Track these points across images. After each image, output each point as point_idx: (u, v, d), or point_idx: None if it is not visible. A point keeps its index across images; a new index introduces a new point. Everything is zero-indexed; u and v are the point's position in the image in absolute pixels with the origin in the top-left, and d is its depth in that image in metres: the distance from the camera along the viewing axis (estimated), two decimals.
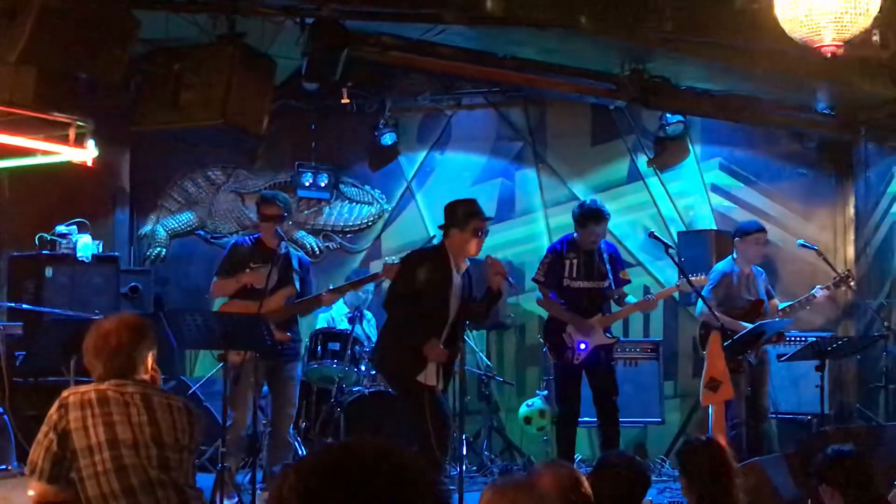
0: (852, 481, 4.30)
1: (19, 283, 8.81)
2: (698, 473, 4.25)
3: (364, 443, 1.55)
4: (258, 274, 7.07)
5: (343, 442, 1.58)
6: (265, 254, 7.26)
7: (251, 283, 7.14)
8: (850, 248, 9.81)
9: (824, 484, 4.38)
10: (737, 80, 8.69)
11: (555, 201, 10.20)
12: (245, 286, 7.22)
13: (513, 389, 9.79)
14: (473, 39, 7.81)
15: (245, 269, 7.26)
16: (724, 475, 4.19)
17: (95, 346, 4.11)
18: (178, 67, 6.69)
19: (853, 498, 4.27)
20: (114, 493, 3.88)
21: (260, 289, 7.04)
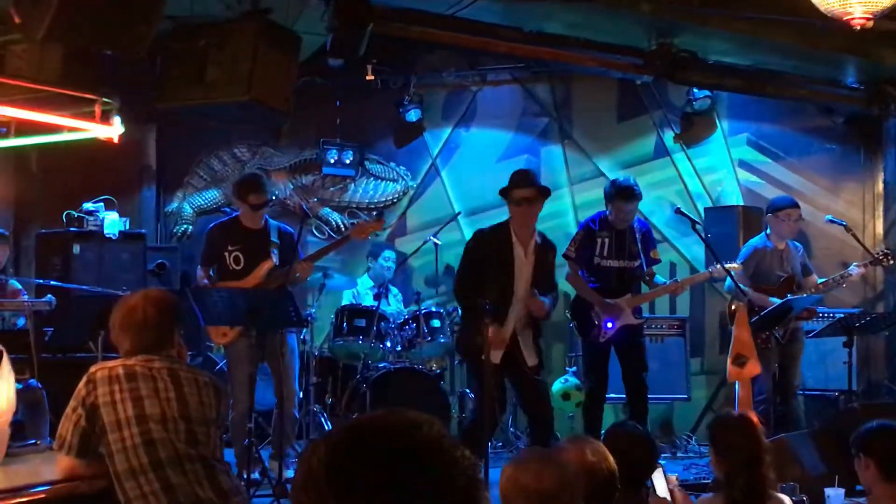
0: (887, 452, 4.30)
1: (47, 259, 8.87)
2: (729, 449, 4.25)
3: (394, 415, 1.55)
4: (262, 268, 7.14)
5: (373, 414, 1.58)
6: (243, 233, 7.32)
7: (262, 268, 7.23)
8: (879, 223, 9.76)
9: (862, 454, 4.37)
10: (764, 54, 8.63)
11: (580, 177, 10.18)
12: (227, 268, 7.27)
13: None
14: (499, 14, 7.78)
15: (224, 251, 7.28)
16: (755, 452, 4.19)
17: (122, 322, 4.13)
18: (204, 44, 6.70)
19: (889, 469, 4.27)
20: (142, 467, 3.90)
21: (239, 269, 7.19)
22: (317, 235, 10.14)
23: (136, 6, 5.61)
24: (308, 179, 10.55)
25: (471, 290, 6.85)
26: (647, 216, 9.03)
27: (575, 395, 8.71)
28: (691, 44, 8.28)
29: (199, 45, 6.70)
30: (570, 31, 8.21)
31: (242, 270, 7.21)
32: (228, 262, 7.28)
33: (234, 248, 7.27)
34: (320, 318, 8.58)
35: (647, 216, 9.02)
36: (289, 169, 10.55)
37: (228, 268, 7.27)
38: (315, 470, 1.50)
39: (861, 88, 9.36)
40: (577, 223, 9.34)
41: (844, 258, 9.06)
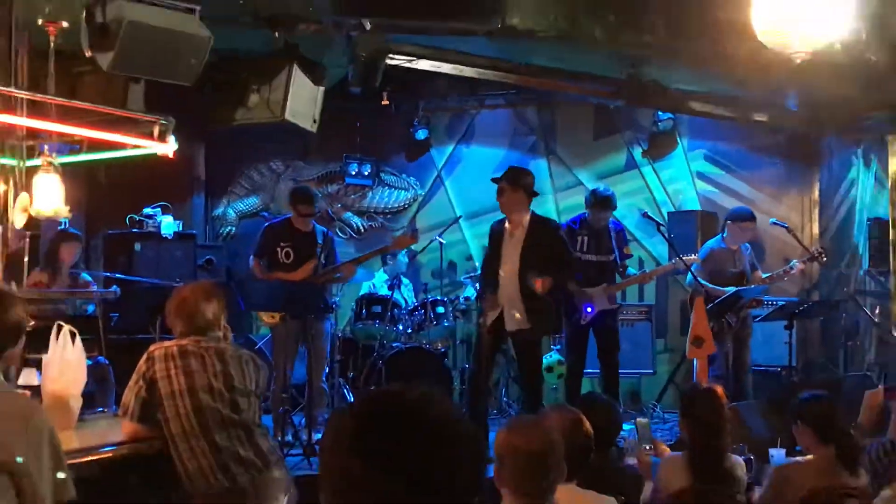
0: (821, 419, 4.29)
1: (113, 256, 8.88)
2: (696, 415, 4.25)
3: (410, 389, 1.55)
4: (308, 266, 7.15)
5: (392, 388, 1.58)
6: (294, 233, 7.34)
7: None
8: (816, 225, 9.78)
9: (799, 421, 4.37)
10: (719, 83, 8.62)
11: (563, 186, 10.20)
12: (279, 261, 7.29)
13: None
14: (494, 49, 7.78)
15: (276, 247, 7.32)
16: (718, 419, 4.19)
17: (177, 309, 4.14)
18: (245, 74, 6.71)
19: (821, 433, 4.27)
20: (193, 430, 3.92)
21: (289, 263, 7.21)
22: (340, 236, 10.13)
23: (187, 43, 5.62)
24: (333, 188, 10.56)
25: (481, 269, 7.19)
26: (620, 219, 9.01)
27: (557, 369, 8.70)
28: (656, 74, 8.27)
29: (241, 75, 6.72)
30: (554, 63, 8.21)
31: (291, 264, 7.24)
32: (280, 256, 7.31)
33: (285, 245, 7.31)
34: (343, 306, 8.58)
35: (619, 219, 9.01)
36: (316, 179, 10.55)
37: (280, 261, 7.30)
38: (342, 433, 1.50)
39: (801, 112, 9.35)
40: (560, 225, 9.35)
41: (787, 255, 9.05)
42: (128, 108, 5.57)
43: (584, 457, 3.42)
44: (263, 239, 7.48)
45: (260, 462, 3.99)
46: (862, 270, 9.36)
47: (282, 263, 7.29)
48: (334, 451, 1.50)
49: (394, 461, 1.46)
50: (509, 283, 6.81)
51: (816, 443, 4.30)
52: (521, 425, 2.88)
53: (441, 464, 1.48)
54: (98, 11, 5.17)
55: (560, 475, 2.80)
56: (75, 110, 5.16)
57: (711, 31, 6.50)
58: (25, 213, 4.95)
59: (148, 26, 5.41)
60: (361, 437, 1.49)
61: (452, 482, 1.49)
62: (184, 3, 5.61)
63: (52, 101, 5.07)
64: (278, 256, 7.32)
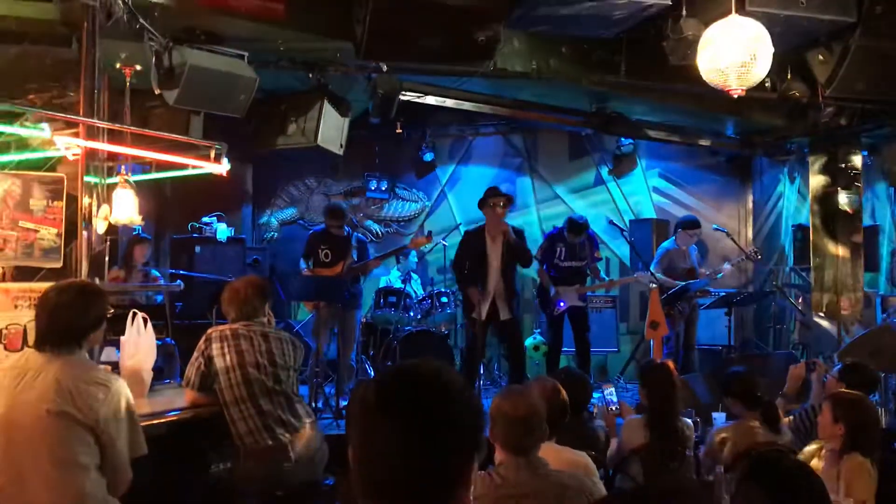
0: (745, 391, 4.29)
1: (177, 256, 8.87)
2: (653, 384, 4.24)
3: (424, 363, 1.56)
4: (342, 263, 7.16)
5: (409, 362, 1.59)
6: (331, 238, 7.37)
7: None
8: (750, 230, 9.79)
9: (728, 395, 4.37)
10: (671, 114, 8.62)
11: (543, 199, 10.19)
12: (320, 261, 7.33)
13: None
14: (487, 87, 7.78)
15: (318, 249, 7.36)
16: (670, 388, 4.18)
17: (229, 298, 4.15)
18: (284, 108, 6.73)
19: (746, 402, 4.27)
20: (243, 397, 3.92)
21: (328, 262, 7.24)
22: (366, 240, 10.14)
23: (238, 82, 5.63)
24: (356, 200, 10.55)
25: (457, 270, 7.11)
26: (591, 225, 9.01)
27: (541, 347, 8.70)
28: (620, 107, 8.29)
29: (280, 108, 6.73)
30: (536, 98, 8.21)
31: (330, 262, 7.29)
32: (321, 256, 7.35)
33: (325, 248, 7.36)
34: (364, 297, 8.57)
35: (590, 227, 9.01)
36: (343, 193, 10.55)
37: (321, 260, 7.34)
38: (368, 398, 1.51)
39: (737, 138, 9.36)
40: (541, 232, 9.37)
41: (726, 254, 9.06)
42: (189, 135, 5.58)
43: (561, 418, 3.42)
44: (308, 243, 7.56)
45: (297, 423, 3.99)
46: (787, 267, 9.37)
47: (322, 262, 7.35)
48: (363, 411, 1.50)
49: (412, 418, 1.46)
50: (498, 279, 6.86)
51: (744, 409, 4.30)
52: (509, 394, 2.88)
53: (450, 420, 1.49)
54: (165, 57, 5.19)
55: (542, 434, 2.80)
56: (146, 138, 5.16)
57: (665, 73, 6.50)
58: (106, 221, 4.95)
59: (205, 69, 5.43)
60: (386, 399, 1.49)
61: (459, 435, 1.49)
62: (235, 49, 5.62)
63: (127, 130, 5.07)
64: (319, 257, 7.37)
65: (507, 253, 6.94)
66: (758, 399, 4.25)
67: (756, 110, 8.13)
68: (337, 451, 4.23)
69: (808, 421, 4.32)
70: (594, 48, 6.88)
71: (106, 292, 3.30)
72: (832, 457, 3.54)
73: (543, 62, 6.84)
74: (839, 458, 3.48)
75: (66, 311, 3.07)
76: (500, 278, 6.92)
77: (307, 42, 6.04)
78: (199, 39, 5.56)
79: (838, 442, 3.50)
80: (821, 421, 3.63)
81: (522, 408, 2.78)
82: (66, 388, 2.94)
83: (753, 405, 4.22)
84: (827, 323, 8.44)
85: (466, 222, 9.87)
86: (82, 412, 2.93)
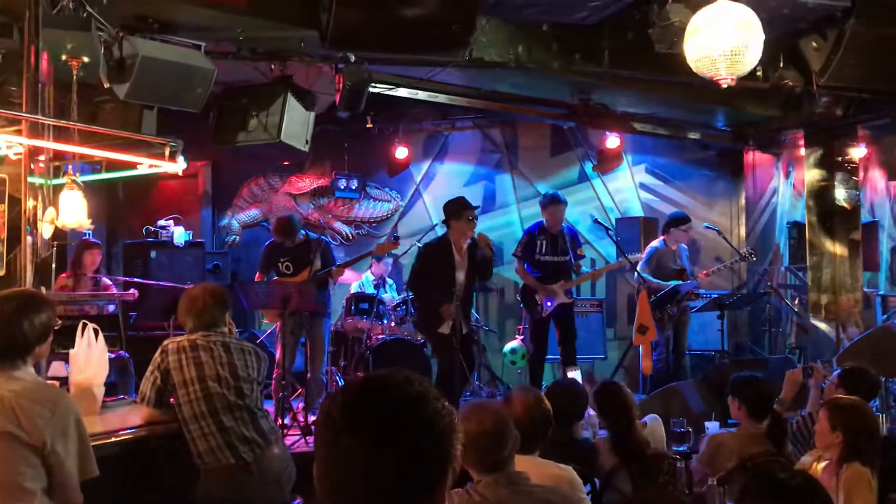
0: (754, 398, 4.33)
1: (131, 262, 8.83)
2: (606, 408, 4.23)
3: (395, 373, 1.56)
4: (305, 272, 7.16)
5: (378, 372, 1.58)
6: (289, 248, 7.34)
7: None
8: (742, 228, 9.85)
9: (734, 397, 4.40)
10: (657, 106, 8.68)
11: (525, 197, 10.21)
12: (281, 273, 7.32)
13: (495, 335, 9.81)
14: (463, 78, 7.79)
15: (277, 262, 7.34)
16: (624, 406, 4.16)
17: (187, 307, 4.11)
18: (245, 101, 6.68)
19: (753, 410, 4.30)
20: (203, 414, 3.89)
21: (290, 273, 7.26)
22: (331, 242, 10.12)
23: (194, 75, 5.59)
24: (324, 200, 10.53)
25: (422, 285, 6.99)
26: (573, 224, 9.06)
27: (515, 356, 8.73)
28: (604, 98, 8.32)
29: (241, 102, 6.68)
30: (515, 89, 8.23)
31: (292, 275, 7.26)
32: (281, 269, 7.33)
33: (284, 260, 7.33)
34: (334, 303, 8.55)
35: (573, 224, 9.06)
36: (310, 193, 10.53)
37: (282, 273, 7.32)
38: (332, 411, 1.50)
39: (728, 130, 9.43)
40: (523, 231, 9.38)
41: (718, 253, 9.14)
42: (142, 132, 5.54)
43: (544, 429, 3.42)
44: (265, 256, 7.49)
45: (262, 441, 3.96)
46: (783, 267, 9.45)
47: (283, 274, 7.32)
48: (326, 426, 1.50)
49: (381, 433, 1.46)
50: (464, 292, 6.86)
51: (747, 416, 4.33)
52: (472, 411, 2.88)
53: (419, 434, 1.48)
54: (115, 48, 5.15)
55: (515, 445, 2.80)
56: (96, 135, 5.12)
57: (650, 61, 6.54)
58: (52, 226, 4.90)
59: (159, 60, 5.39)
60: (353, 414, 1.48)
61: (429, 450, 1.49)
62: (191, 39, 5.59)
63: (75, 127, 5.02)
64: (280, 269, 7.34)
65: (471, 265, 6.95)
66: (767, 410, 4.29)
67: (747, 101, 8.21)
68: (305, 471, 4.21)
69: (806, 429, 4.36)
70: (576, 36, 6.91)
71: (53, 302, 3.27)
72: (830, 466, 3.57)
73: (522, 51, 6.86)
74: (838, 468, 3.51)
75: (8, 322, 3.04)
76: (465, 292, 6.92)
77: (269, 31, 6.02)
78: (152, 29, 5.52)
79: (836, 451, 3.53)
80: (817, 429, 3.66)
81: (489, 421, 2.78)
82: (10, 407, 2.90)
83: (761, 415, 4.26)
84: (825, 325, 8.52)
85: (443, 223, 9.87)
86: (27, 432, 2.89)
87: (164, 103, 5.70)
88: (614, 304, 9.59)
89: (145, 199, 10.32)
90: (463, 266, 6.93)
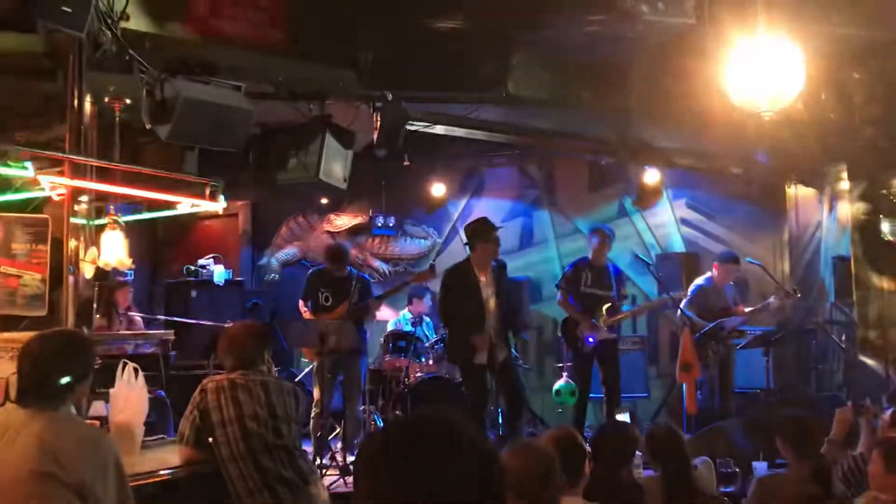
0: (798, 437, 4.23)
1: (172, 301, 8.90)
2: (659, 450, 4.14)
3: (434, 413, 1.53)
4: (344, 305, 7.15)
5: (417, 412, 1.55)
6: (332, 279, 7.36)
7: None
8: (786, 263, 9.70)
9: (779, 437, 4.31)
10: (697, 140, 8.61)
11: (563, 234, 10.18)
12: (320, 304, 7.31)
13: (534, 373, 9.71)
14: (500, 114, 7.80)
15: (318, 292, 7.34)
16: (681, 455, 4.06)
17: (226, 346, 4.12)
18: (284, 141, 6.73)
19: (799, 450, 4.20)
20: (241, 454, 3.88)
21: (329, 305, 7.24)
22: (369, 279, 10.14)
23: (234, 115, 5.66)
24: (362, 238, 10.58)
25: (452, 313, 6.86)
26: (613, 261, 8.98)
27: (563, 393, 8.61)
28: (642, 133, 8.28)
29: (280, 141, 6.74)
30: (552, 125, 8.23)
31: (331, 306, 7.27)
32: (321, 300, 7.33)
33: (325, 290, 7.34)
34: (371, 341, 8.54)
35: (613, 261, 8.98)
36: (348, 231, 10.58)
37: (321, 304, 7.32)
38: (374, 452, 1.47)
39: (769, 164, 9.32)
40: (561, 268, 9.34)
41: (762, 289, 8.99)
42: (183, 172, 5.61)
43: (579, 466, 3.37)
44: (308, 284, 7.53)
45: (300, 481, 3.94)
46: (828, 302, 9.26)
47: (322, 306, 7.31)
48: (366, 467, 1.47)
49: (423, 476, 1.42)
50: (494, 320, 6.77)
51: (795, 457, 4.23)
52: (516, 449, 2.85)
53: (463, 475, 1.45)
54: (157, 90, 5.22)
55: (559, 484, 2.76)
56: (137, 175, 5.20)
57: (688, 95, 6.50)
58: (93, 265, 4.96)
59: (200, 101, 5.46)
60: (391, 455, 1.45)
61: (474, 491, 1.45)
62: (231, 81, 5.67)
63: (117, 168, 5.10)
64: (319, 300, 7.35)
65: (500, 289, 6.84)
66: (816, 450, 4.19)
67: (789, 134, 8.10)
68: None
69: (858, 470, 4.23)
70: (613, 71, 6.90)
71: (93, 342, 3.29)
72: None
73: (559, 87, 6.86)
74: None
75: (50, 362, 3.06)
76: (496, 316, 6.81)
77: (307, 71, 6.09)
78: (193, 71, 5.60)
79: (893, 493, 3.42)
80: (871, 470, 3.56)
81: (533, 460, 2.75)
82: (50, 447, 2.91)
83: (806, 455, 4.16)
84: (873, 362, 8.32)
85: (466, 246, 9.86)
86: (67, 472, 2.90)
87: (204, 144, 5.77)
88: (656, 341, 9.46)
89: (186, 239, 10.44)
90: (490, 290, 6.82)
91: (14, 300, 4.63)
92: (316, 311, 7.31)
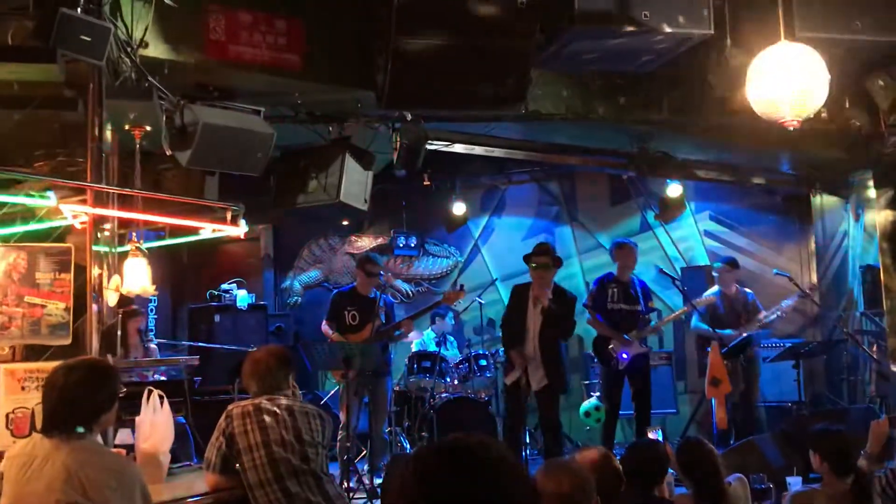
0: (834, 453, 4.16)
1: (196, 326, 8.94)
2: (692, 464, 4.06)
3: (469, 437, 1.50)
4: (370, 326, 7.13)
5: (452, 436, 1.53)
6: (358, 299, 7.34)
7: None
8: (814, 274, 9.62)
9: (812, 451, 4.24)
10: (720, 151, 8.56)
11: (585, 249, 10.14)
12: (346, 324, 7.27)
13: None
14: (519, 131, 7.79)
15: (344, 311, 7.33)
16: (714, 471, 3.99)
17: (251, 371, 4.10)
18: (304, 163, 6.76)
19: (834, 466, 4.12)
20: (268, 479, 3.85)
21: (355, 325, 7.21)
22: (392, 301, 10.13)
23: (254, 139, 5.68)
24: (383, 258, 10.57)
25: (502, 326, 7.13)
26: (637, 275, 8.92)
27: (593, 414, 8.55)
28: (663, 146, 8.23)
29: (300, 164, 6.76)
30: (573, 141, 8.20)
31: (357, 326, 7.26)
32: (347, 319, 7.32)
33: (351, 309, 7.34)
34: (396, 362, 8.52)
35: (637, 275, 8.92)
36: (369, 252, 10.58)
37: (347, 323, 7.30)
38: (408, 479, 1.45)
39: (794, 174, 9.26)
40: (584, 284, 9.29)
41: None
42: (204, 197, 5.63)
43: (615, 488, 3.32)
44: (332, 304, 7.51)
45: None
46: (858, 312, 9.14)
47: (349, 326, 7.30)
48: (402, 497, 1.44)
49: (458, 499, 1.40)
50: (534, 345, 6.76)
51: (830, 472, 4.15)
52: (550, 470, 2.80)
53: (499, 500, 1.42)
54: (176, 116, 5.25)
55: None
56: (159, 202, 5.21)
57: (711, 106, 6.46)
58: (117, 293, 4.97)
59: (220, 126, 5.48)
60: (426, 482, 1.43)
61: None
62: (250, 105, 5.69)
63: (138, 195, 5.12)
64: (346, 319, 7.33)
65: (547, 319, 6.80)
66: (851, 464, 4.10)
67: (813, 143, 8.04)
68: None
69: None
70: (632, 84, 6.87)
71: (118, 370, 3.28)
72: None
73: (579, 102, 6.84)
74: None
75: (75, 391, 3.05)
76: (537, 345, 6.78)
77: (325, 93, 6.10)
78: (212, 96, 5.63)
79: None
80: None
81: (567, 482, 2.70)
82: (76, 477, 2.90)
83: (844, 471, 4.08)
84: None
85: (503, 277, 9.83)
86: (93, 501, 2.88)
87: (225, 168, 5.78)
88: (684, 356, 9.37)
89: (208, 264, 10.48)
90: (534, 316, 6.83)
91: (38, 329, 4.63)
92: (342, 331, 7.28)
